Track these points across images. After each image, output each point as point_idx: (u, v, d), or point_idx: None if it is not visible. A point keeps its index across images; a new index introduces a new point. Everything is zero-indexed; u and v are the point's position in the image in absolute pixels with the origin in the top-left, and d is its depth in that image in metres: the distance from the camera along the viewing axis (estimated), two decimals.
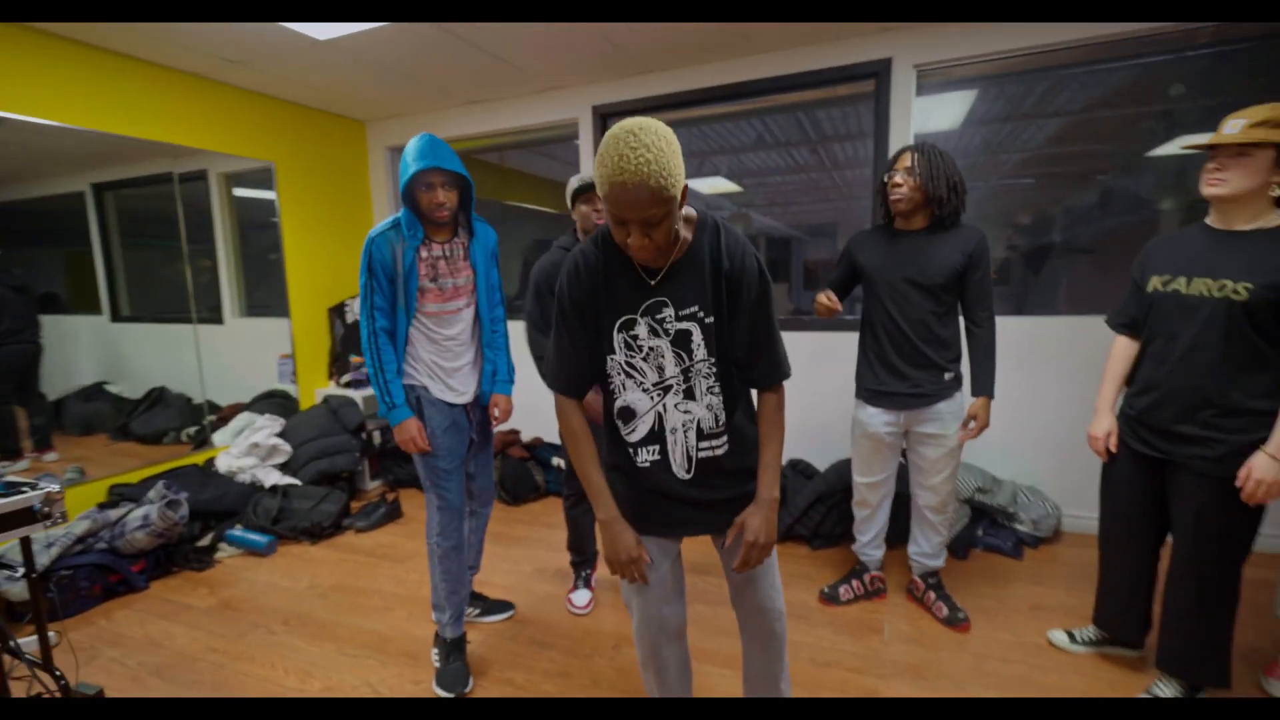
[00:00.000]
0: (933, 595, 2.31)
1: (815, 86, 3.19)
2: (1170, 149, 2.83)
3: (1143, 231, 2.93)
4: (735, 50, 3.14)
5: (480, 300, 2.07)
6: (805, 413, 3.13)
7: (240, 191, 3.73)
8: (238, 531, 3.05)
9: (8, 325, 2.86)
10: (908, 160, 2.02)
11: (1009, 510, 2.85)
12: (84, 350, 3.21)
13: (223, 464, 3.41)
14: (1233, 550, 1.67)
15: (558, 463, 3.68)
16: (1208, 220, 1.70)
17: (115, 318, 3.33)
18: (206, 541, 3.02)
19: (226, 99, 3.49)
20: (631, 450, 1.34)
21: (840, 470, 2.88)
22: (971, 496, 2.88)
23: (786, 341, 1.36)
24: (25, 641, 1.93)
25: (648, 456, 1.33)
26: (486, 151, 4.30)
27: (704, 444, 1.32)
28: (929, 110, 3.07)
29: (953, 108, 3.10)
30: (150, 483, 3.00)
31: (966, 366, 2.13)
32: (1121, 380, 1.87)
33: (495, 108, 3.88)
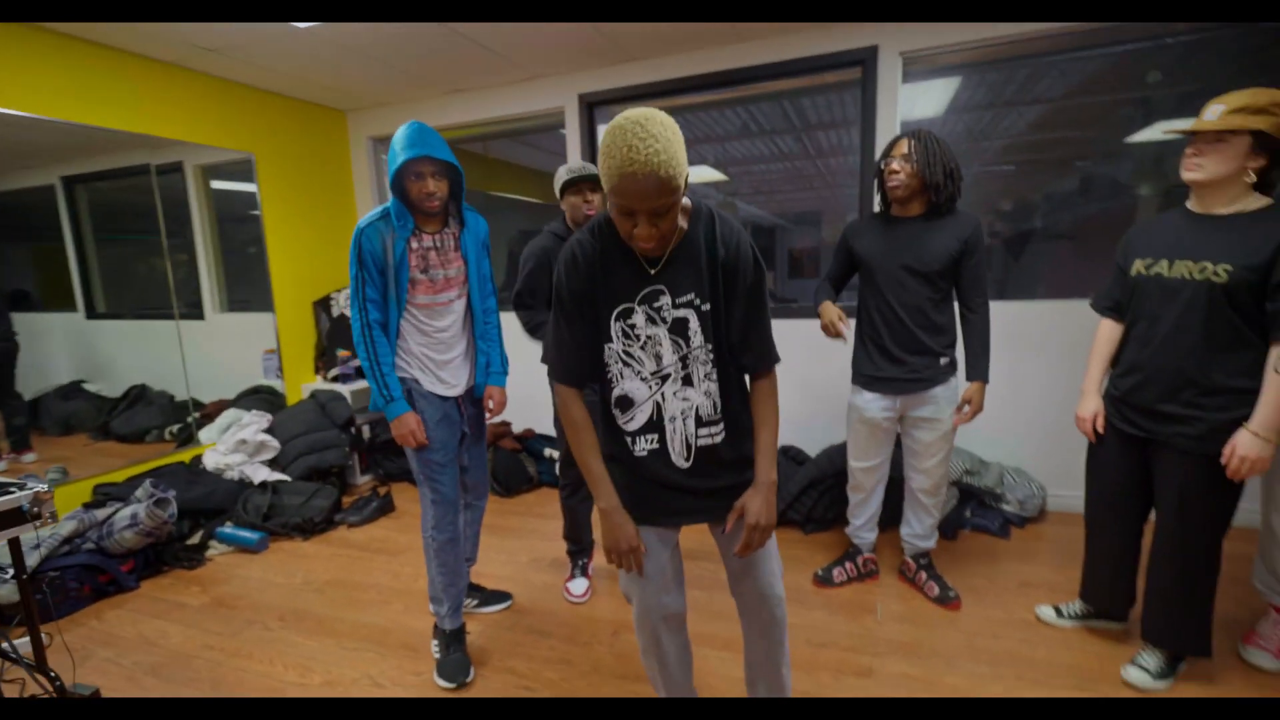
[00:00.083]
0: (924, 575, 2.36)
1: (803, 74, 3.20)
2: (1148, 135, 2.87)
3: (1122, 217, 2.98)
4: (723, 38, 3.14)
5: (472, 292, 2.04)
6: (796, 400, 3.17)
7: (218, 184, 3.65)
8: (228, 529, 3.02)
9: None
10: (904, 147, 2.03)
11: (996, 491, 2.92)
12: (58, 349, 3.14)
13: (210, 461, 3.36)
14: (1213, 525, 1.73)
15: (550, 454, 3.69)
16: (1188, 205, 1.74)
17: (90, 314, 3.26)
18: (196, 539, 2.99)
19: (203, 88, 3.40)
20: (629, 440, 1.35)
21: (831, 456, 2.92)
22: (959, 479, 2.94)
23: (774, 330, 1.37)
24: (17, 644, 1.89)
25: (646, 445, 1.34)
26: (470, 141, 4.24)
27: (702, 431, 1.33)
28: (914, 98, 3.10)
29: (936, 95, 3.13)
30: (136, 482, 2.95)
31: (961, 352, 2.16)
32: (1107, 362, 1.91)
33: (479, 96, 3.83)
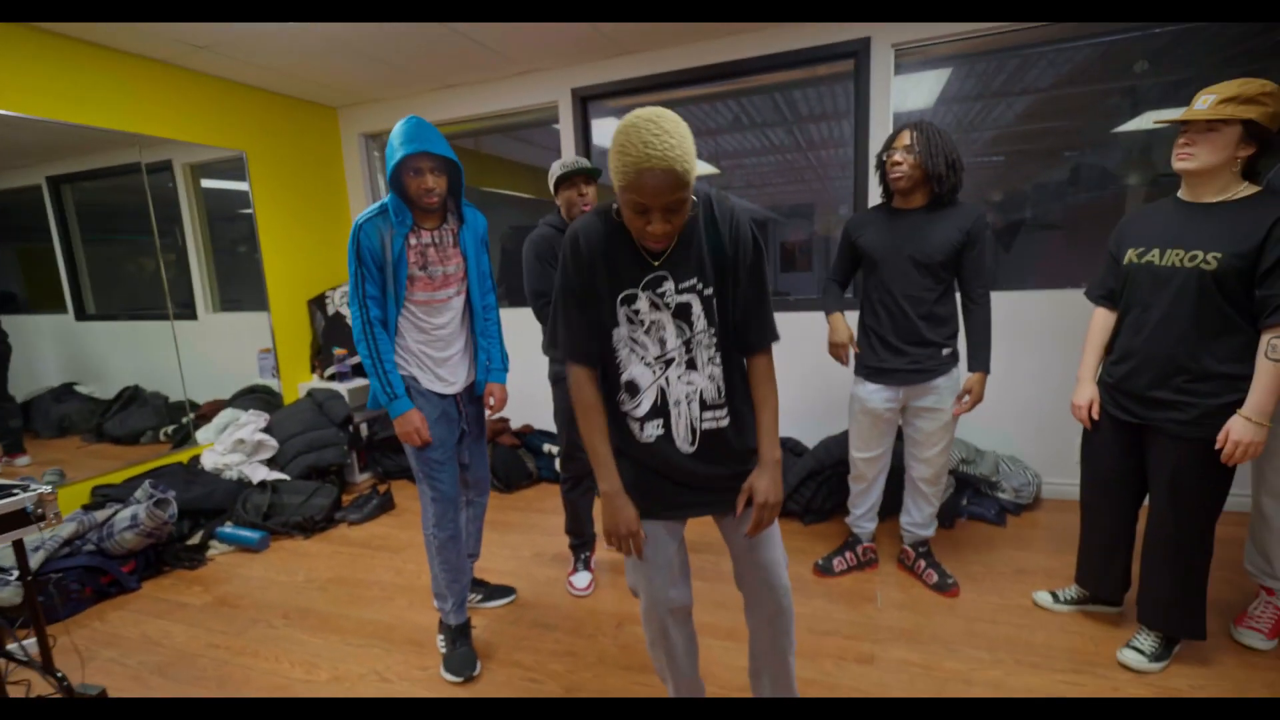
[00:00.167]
0: (923, 563, 2.40)
1: (795, 66, 3.21)
2: (1136, 124, 2.90)
3: (1111, 206, 3.01)
4: (715, 31, 3.14)
5: (471, 288, 2.04)
6: (793, 392, 3.18)
7: (208, 183, 3.63)
8: (228, 528, 3.01)
9: None
10: (907, 138, 2.03)
11: (992, 479, 2.96)
12: (48, 351, 3.11)
13: (208, 461, 3.35)
14: (1206, 509, 1.76)
15: (549, 449, 3.70)
16: (1179, 194, 1.77)
17: (80, 316, 3.24)
18: (197, 540, 2.98)
19: (192, 86, 3.36)
20: (636, 426, 1.36)
21: (829, 447, 2.95)
22: (956, 467, 2.97)
23: None
24: (19, 646, 1.89)
25: (652, 431, 1.35)
26: (463, 137, 4.23)
27: (707, 414, 1.34)
28: (905, 90, 3.12)
29: (927, 86, 3.14)
30: (134, 483, 2.94)
31: (962, 343, 2.18)
32: (1101, 350, 1.94)
33: (472, 92, 3.82)
